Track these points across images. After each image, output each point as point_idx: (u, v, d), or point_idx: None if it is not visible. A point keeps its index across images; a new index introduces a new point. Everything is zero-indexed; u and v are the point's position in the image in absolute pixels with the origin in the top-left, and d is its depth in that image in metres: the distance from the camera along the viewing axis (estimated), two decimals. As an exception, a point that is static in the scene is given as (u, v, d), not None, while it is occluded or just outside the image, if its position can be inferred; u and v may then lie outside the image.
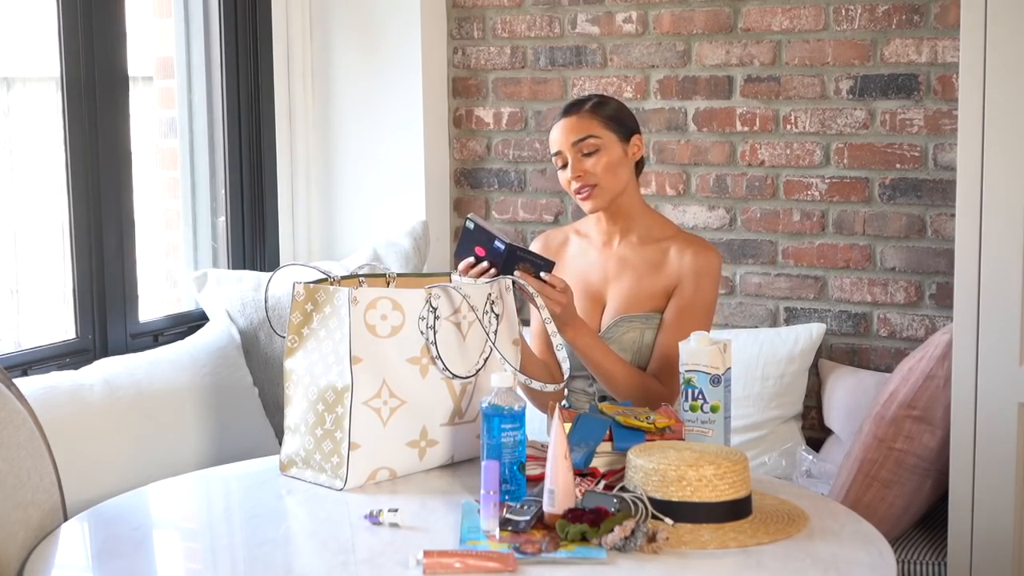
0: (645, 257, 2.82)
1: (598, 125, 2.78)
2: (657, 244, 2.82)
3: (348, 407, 2.38)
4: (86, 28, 3.13)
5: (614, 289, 2.83)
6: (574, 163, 2.77)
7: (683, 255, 2.79)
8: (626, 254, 2.84)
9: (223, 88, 3.67)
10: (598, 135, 2.77)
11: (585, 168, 2.77)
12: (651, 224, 2.85)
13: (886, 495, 3.03)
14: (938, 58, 3.39)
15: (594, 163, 2.77)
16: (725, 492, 2.15)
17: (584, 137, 2.77)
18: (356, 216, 3.90)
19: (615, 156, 2.78)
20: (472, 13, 3.90)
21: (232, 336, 3.30)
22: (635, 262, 2.82)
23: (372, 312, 2.41)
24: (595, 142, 2.77)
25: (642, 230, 2.84)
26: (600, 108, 2.81)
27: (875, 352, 3.53)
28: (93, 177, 3.17)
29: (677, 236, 2.84)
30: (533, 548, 2.05)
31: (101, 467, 2.79)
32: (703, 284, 2.78)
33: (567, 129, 2.79)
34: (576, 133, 2.78)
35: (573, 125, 2.79)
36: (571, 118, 2.80)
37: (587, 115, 2.79)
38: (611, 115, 2.81)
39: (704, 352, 2.42)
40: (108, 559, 2.18)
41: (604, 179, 2.77)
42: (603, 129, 2.78)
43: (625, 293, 2.81)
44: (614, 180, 2.78)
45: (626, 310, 2.80)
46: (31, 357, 3.05)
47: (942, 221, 3.41)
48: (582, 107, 2.81)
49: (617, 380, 2.72)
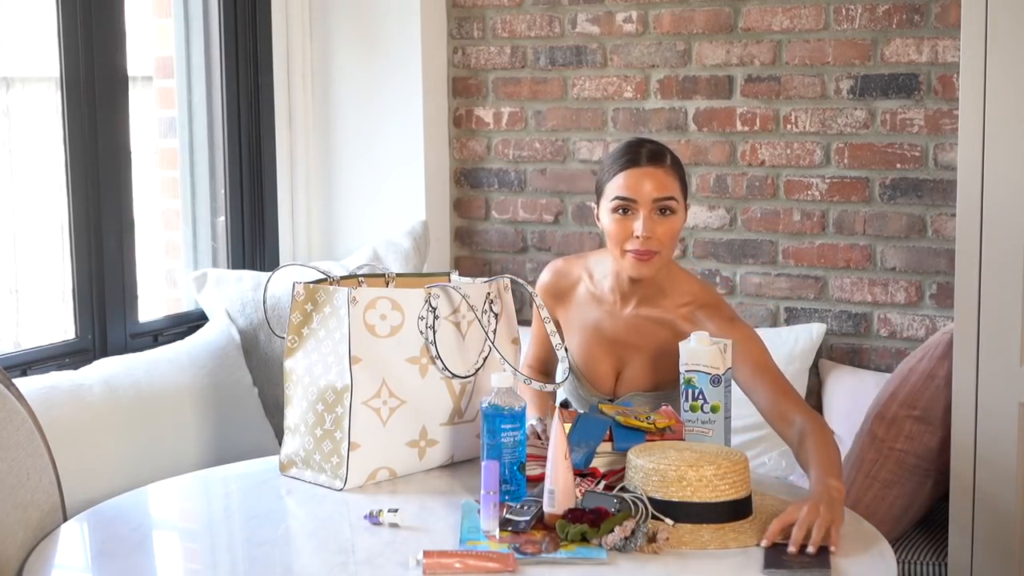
0: (667, 327, 2.61)
1: (678, 187, 2.56)
2: (677, 310, 2.62)
3: (348, 407, 2.38)
4: (86, 28, 3.13)
5: (628, 359, 2.66)
6: (647, 221, 2.51)
7: (712, 322, 2.58)
8: (640, 322, 2.64)
9: (223, 88, 3.67)
10: (677, 199, 2.55)
11: (655, 231, 2.51)
12: (675, 288, 2.63)
13: (886, 495, 3.03)
14: (938, 58, 3.38)
15: (667, 228, 2.53)
16: (725, 492, 2.15)
17: (668, 197, 2.53)
18: (356, 216, 3.90)
19: (681, 223, 2.57)
20: (472, 13, 3.90)
21: (232, 336, 3.30)
22: (650, 335, 2.63)
23: (371, 312, 2.41)
24: (675, 204, 2.53)
25: (664, 299, 2.63)
26: (677, 165, 2.59)
27: (875, 352, 3.53)
28: (93, 177, 3.17)
29: (695, 300, 2.62)
30: (533, 548, 2.05)
31: (100, 467, 2.79)
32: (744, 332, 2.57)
33: (653, 182, 2.52)
34: (662, 190, 2.52)
35: (660, 180, 2.53)
36: (657, 170, 2.54)
37: (671, 171, 2.56)
38: (682, 177, 2.59)
39: (704, 352, 2.42)
40: (108, 559, 2.18)
41: (667, 248, 2.54)
42: (679, 192, 2.56)
43: (639, 369, 2.65)
44: (671, 249, 2.57)
45: (640, 387, 2.65)
46: (31, 357, 3.05)
47: (942, 221, 3.41)
48: (665, 159, 2.56)
49: (832, 458, 2.34)
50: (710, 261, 3.67)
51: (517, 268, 3.89)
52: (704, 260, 3.68)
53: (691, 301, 2.62)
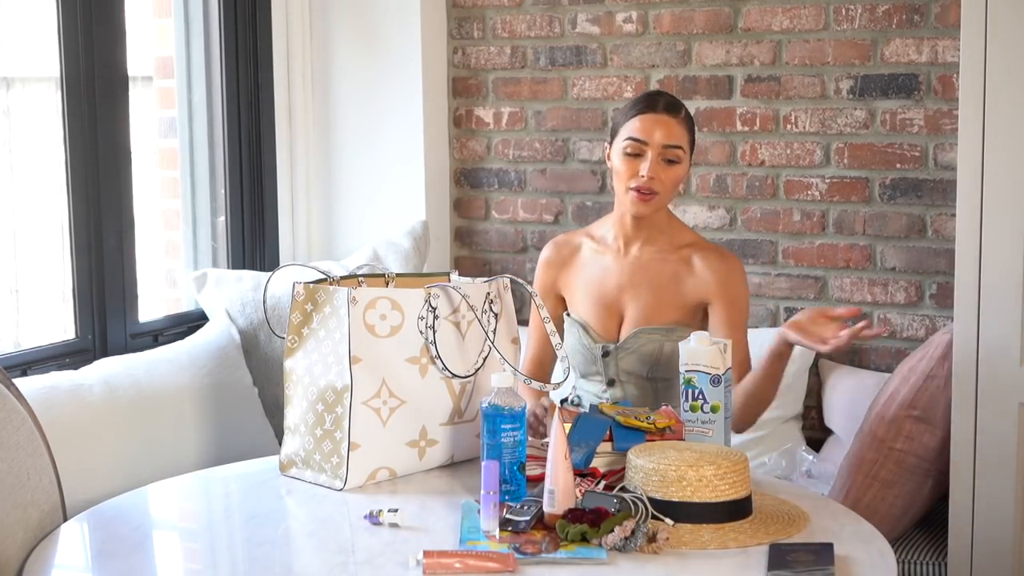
0: (666, 266, 2.78)
1: (686, 139, 2.74)
2: (678, 252, 2.79)
3: (348, 407, 2.38)
4: (86, 28, 3.13)
5: (632, 298, 2.78)
6: (653, 164, 2.69)
7: (710, 262, 2.76)
8: (643, 262, 2.79)
9: (223, 88, 3.67)
10: (684, 149, 2.73)
11: (660, 174, 2.70)
12: (673, 232, 2.81)
13: (886, 495, 3.03)
14: (938, 58, 3.38)
15: (670, 173, 2.71)
16: (725, 492, 2.15)
17: (676, 145, 2.71)
18: (356, 216, 3.90)
19: (684, 173, 2.74)
20: (472, 13, 3.90)
21: (232, 336, 3.30)
22: (654, 272, 2.78)
23: (371, 312, 2.41)
24: (680, 154, 2.72)
25: (664, 239, 2.80)
26: (689, 121, 2.77)
27: (875, 352, 3.53)
28: (93, 177, 3.17)
29: (697, 243, 2.80)
30: (533, 548, 2.05)
31: (101, 467, 2.79)
32: (737, 292, 2.75)
33: (665, 129, 2.71)
34: (672, 138, 2.71)
35: (672, 128, 2.72)
36: (671, 119, 2.72)
37: (683, 123, 2.74)
38: (692, 131, 2.77)
39: (704, 352, 2.42)
40: (108, 559, 2.18)
41: (667, 192, 2.73)
42: (688, 144, 2.75)
43: (645, 304, 2.77)
44: (670, 195, 2.75)
45: (646, 321, 2.76)
46: (31, 357, 3.05)
47: (942, 221, 3.41)
48: (680, 111, 2.75)
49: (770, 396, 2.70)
50: (710, 261, 3.67)
51: (517, 268, 3.89)
52: (704, 260, 3.68)
53: (692, 244, 2.80)
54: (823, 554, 2.05)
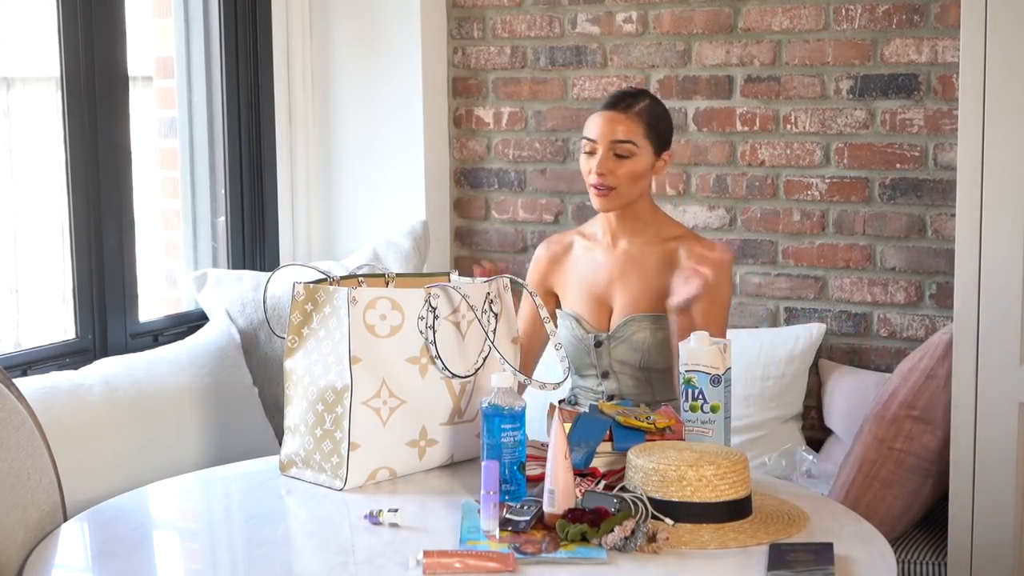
0: (653, 257, 2.80)
1: (640, 132, 2.75)
2: (665, 244, 2.81)
3: (348, 407, 2.38)
4: (86, 28, 3.13)
5: (621, 288, 2.81)
6: (603, 159, 2.74)
7: (693, 254, 2.77)
8: (632, 254, 2.82)
9: (223, 88, 3.67)
10: (636, 143, 2.74)
11: (611, 168, 2.73)
12: (659, 225, 2.84)
13: (886, 495, 3.03)
14: (938, 58, 3.38)
15: (622, 167, 2.74)
16: (725, 492, 2.15)
17: (624, 140, 2.74)
18: (356, 216, 3.90)
19: (642, 167, 2.76)
20: (472, 13, 3.90)
21: (232, 336, 3.30)
22: (642, 261, 2.81)
23: (371, 312, 2.41)
24: (631, 148, 2.74)
25: (650, 231, 2.83)
26: (647, 113, 2.77)
27: (875, 352, 3.53)
28: (93, 177, 3.17)
29: (685, 235, 2.83)
30: (533, 548, 2.05)
31: (101, 467, 2.79)
32: (720, 280, 2.75)
33: (611, 124, 2.75)
34: (617, 133, 2.74)
35: (619, 123, 2.75)
36: (619, 114, 2.75)
37: (634, 117, 2.75)
38: (654, 124, 2.77)
39: (704, 352, 2.42)
40: (108, 559, 2.18)
41: (624, 186, 2.75)
42: (643, 138, 2.75)
43: (633, 292, 2.80)
44: (632, 188, 2.76)
45: (635, 310, 2.78)
46: (31, 357, 3.05)
47: (942, 221, 3.41)
48: (633, 106, 2.77)
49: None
50: (710, 261, 3.67)
51: (517, 268, 3.89)
52: (704, 260, 3.68)
53: (679, 236, 2.83)
54: (823, 554, 2.05)
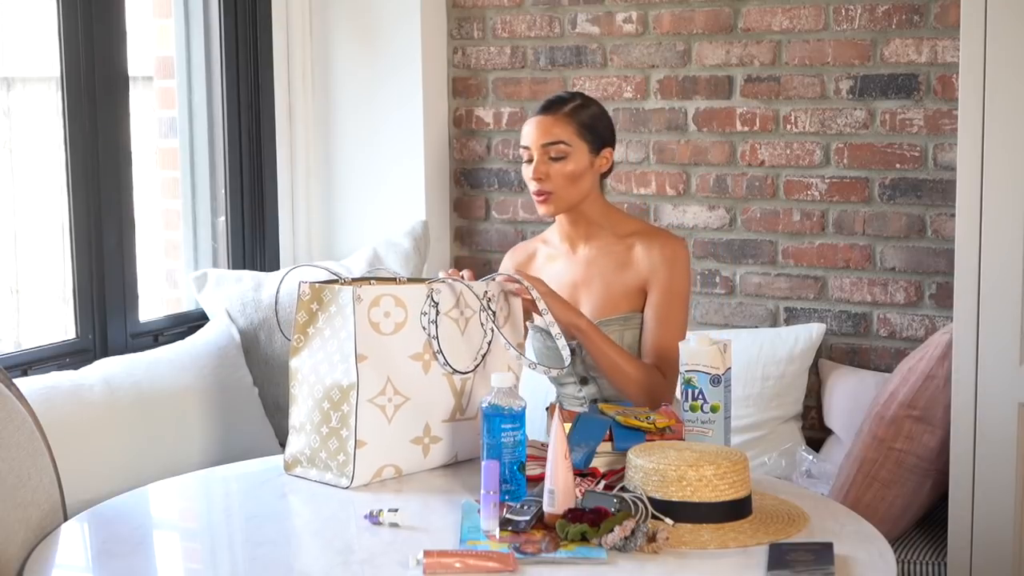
0: (611, 258, 2.79)
1: (572, 132, 2.74)
2: (622, 242, 2.80)
3: (354, 405, 2.38)
4: (86, 28, 3.13)
5: (585, 294, 2.80)
6: (538, 163, 2.73)
7: (650, 250, 2.76)
8: (592, 257, 2.81)
9: (223, 88, 3.67)
10: (569, 143, 2.74)
11: (547, 172, 2.73)
12: (614, 224, 2.82)
13: (886, 495, 3.03)
14: (938, 58, 3.39)
15: (558, 169, 2.73)
16: (725, 492, 2.15)
17: (555, 142, 2.73)
18: (356, 216, 3.90)
19: (580, 166, 2.75)
20: (472, 13, 3.90)
21: (232, 336, 3.30)
22: (602, 264, 2.80)
23: (376, 310, 2.41)
24: (564, 148, 2.73)
25: (605, 232, 2.81)
26: (578, 113, 2.76)
27: (875, 352, 3.53)
28: (93, 177, 3.17)
29: (641, 231, 2.81)
30: (533, 548, 2.05)
31: (101, 467, 2.79)
32: (675, 274, 2.75)
33: (541, 128, 2.75)
34: (548, 136, 2.74)
35: (548, 126, 2.74)
36: (547, 117, 2.76)
37: (563, 118, 2.75)
38: (587, 123, 2.76)
39: (704, 352, 2.42)
40: (108, 559, 2.18)
41: (562, 188, 2.74)
42: (575, 137, 2.74)
43: (597, 297, 2.79)
44: (573, 190, 2.75)
45: (602, 314, 2.77)
46: (31, 357, 3.05)
47: (942, 221, 3.41)
48: (561, 108, 2.76)
49: (624, 370, 2.69)
50: (710, 261, 3.67)
51: (517, 268, 3.89)
52: (704, 260, 3.68)
53: (635, 232, 2.81)
54: (823, 554, 2.05)
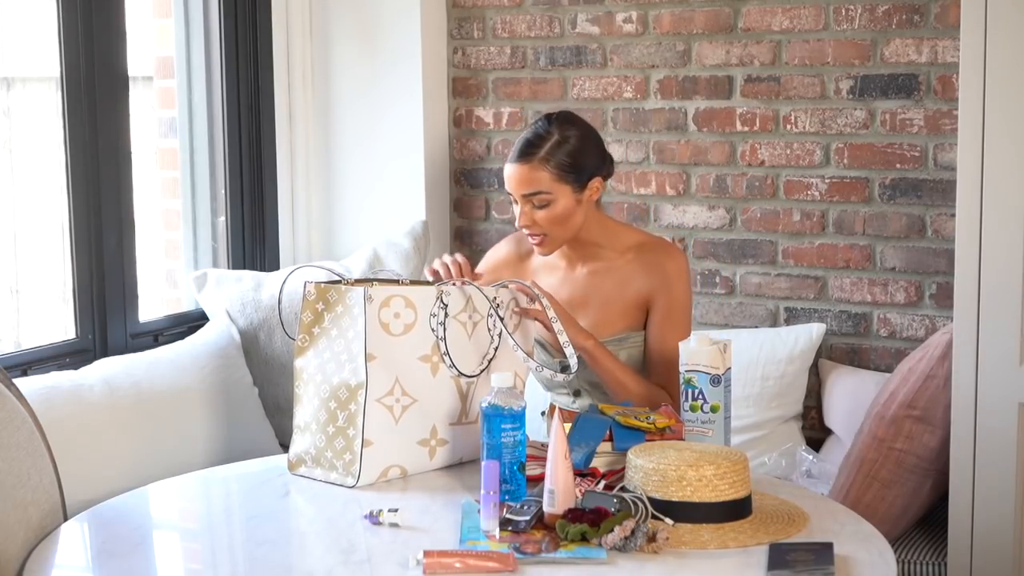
0: (610, 276, 2.77)
1: (550, 179, 2.67)
2: (621, 257, 2.78)
3: (362, 404, 2.38)
4: (86, 28, 3.13)
5: (583, 314, 2.78)
6: (523, 211, 2.70)
7: (650, 265, 2.75)
8: (591, 276, 2.79)
9: (223, 88, 3.67)
10: (549, 191, 2.67)
11: (533, 219, 2.69)
12: (613, 240, 2.79)
13: (886, 495, 3.03)
14: (938, 58, 3.38)
15: (544, 216, 2.69)
16: (725, 492, 2.15)
17: (533, 192, 2.68)
18: (356, 216, 3.90)
19: (567, 208, 2.69)
20: (472, 13, 3.90)
21: (232, 336, 3.30)
22: (601, 283, 2.78)
23: (386, 310, 2.42)
24: (546, 197, 2.68)
25: (604, 250, 2.79)
26: (555, 154, 2.67)
27: (875, 352, 3.53)
28: (93, 177, 3.17)
29: (640, 245, 2.79)
30: (533, 548, 2.05)
31: (101, 467, 2.79)
32: (677, 287, 2.74)
33: (517, 178, 2.69)
34: (527, 186, 2.68)
35: (524, 176, 2.68)
36: (522, 167, 2.68)
37: (539, 165, 2.67)
38: (566, 163, 2.68)
39: (704, 352, 2.42)
40: (108, 559, 2.18)
41: (554, 231, 2.71)
42: (555, 183, 2.67)
43: (594, 317, 2.77)
44: (563, 230, 2.71)
45: (600, 334, 2.74)
46: (31, 357, 3.05)
47: (942, 221, 3.41)
48: (535, 153, 2.68)
49: (629, 388, 2.68)
50: (710, 261, 3.67)
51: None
52: (704, 260, 3.68)
53: (634, 246, 2.79)
54: (823, 554, 2.05)
